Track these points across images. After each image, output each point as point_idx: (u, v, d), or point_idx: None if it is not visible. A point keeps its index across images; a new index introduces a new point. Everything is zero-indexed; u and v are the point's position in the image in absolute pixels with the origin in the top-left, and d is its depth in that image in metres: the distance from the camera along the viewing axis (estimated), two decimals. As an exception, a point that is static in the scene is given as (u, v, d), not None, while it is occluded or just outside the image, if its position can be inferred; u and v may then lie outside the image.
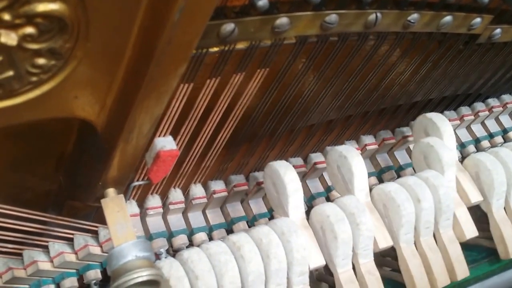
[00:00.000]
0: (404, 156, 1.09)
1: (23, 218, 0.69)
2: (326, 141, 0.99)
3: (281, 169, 0.82)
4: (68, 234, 0.79)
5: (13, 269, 0.76)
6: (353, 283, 0.80)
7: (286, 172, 0.81)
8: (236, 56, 0.64)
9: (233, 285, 0.72)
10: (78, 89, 0.50)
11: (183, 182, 0.88)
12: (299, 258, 0.75)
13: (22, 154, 0.65)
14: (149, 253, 0.59)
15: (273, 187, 0.84)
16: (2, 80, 0.44)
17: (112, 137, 0.57)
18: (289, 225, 0.77)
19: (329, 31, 0.65)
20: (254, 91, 0.72)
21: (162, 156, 0.66)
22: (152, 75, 0.48)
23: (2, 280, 0.76)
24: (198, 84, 0.66)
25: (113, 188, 0.66)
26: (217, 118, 0.75)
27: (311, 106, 0.85)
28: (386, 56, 0.81)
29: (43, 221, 0.73)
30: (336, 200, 0.83)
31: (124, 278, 0.57)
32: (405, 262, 0.83)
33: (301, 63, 0.74)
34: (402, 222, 0.82)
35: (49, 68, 0.46)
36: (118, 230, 0.62)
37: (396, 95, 0.97)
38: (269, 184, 0.85)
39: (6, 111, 0.48)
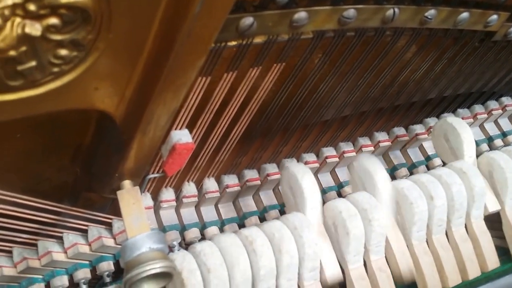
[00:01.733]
0: (417, 153, 1.08)
1: (39, 208, 0.70)
2: (340, 137, 0.99)
3: (299, 173, 0.81)
4: (82, 226, 0.79)
5: (27, 259, 0.77)
6: (363, 280, 0.80)
7: (303, 176, 0.80)
8: (253, 50, 0.64)
9: (245, 278, 0.72)
10: (98, 80, 0.50)
11: (196, 176, 0.89)
12: (310, 253, 0.75)
13: (40, 144, 0.65)
14: (163, 245, 0.60)
15: (290, 191, 0.83)
16: (25, 70, 0.44)
17: (130, 128, 0.57)
18: (301, 220, 0.77)
19: (346, 26, 0.65)
20: (270, 85, 0.72)
21: (178, 149, 0.66)
22: (171, 68, 0.49)
23: (17, 270, 0.77)
24: (215, 78, 0.66)
25: (129, 180, 0.66)
26: (232, 112, 0.75)
27: (326, 101, 0.85)
28: (402, 52, 0.80)
29: (58, 212, 0.74)
30: (348, 196, 0.83)
31: (138, 270, 0.57)
32: (416, 259, 0.83)
33: (317, 58, 0.74)
34: (414, 219, 0.82)
35: (71, 59, 0.46)
36: (133, 221, 0.62)
37: (411, 92, 0.96)
38: (286, 187, 0.84)
39: (28, 101, 0.48)
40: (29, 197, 0.67)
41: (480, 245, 0.88)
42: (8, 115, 0.49)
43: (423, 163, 1.07)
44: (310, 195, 0.80)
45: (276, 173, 0.94)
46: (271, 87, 0.74)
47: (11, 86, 0.45)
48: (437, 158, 1.07)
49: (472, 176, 0.87)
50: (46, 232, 0.76)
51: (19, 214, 0.68)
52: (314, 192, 0.80)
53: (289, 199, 0.84)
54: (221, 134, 0.79)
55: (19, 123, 0.58)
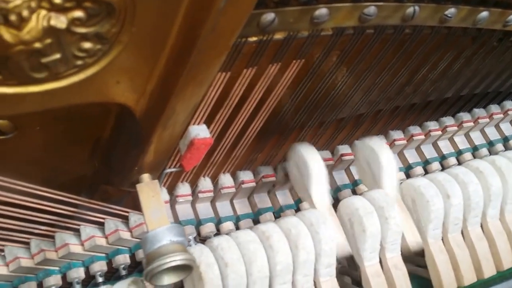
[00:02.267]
0: (431, 150, 1.08)
1: (57, 200, 0.71)
2: (355, 135, 0.99)
3: (305, 152, 0.82)
4: (99, 218, 0.80)
5: (45, 251, 0.78)
6: (379, 277, 0.80)
7: (309, 154, 0.82)
8: (272, 46, 0.65)
9: (261, 273, 0.73)
10: (120, 74, 0.51)
11: (212, 171, 0.89)
12: (327, 249, 0.76)
13: (60, 137, 0.66)
14: (182, 238, 0.60)
15: (296, 170, 0.84)
16: (49, 63, 0.45)
17: (150, 123, 0.57)
18: (317, 217, 0.77)
19: (366, 23, 0.65)
20: (288, 82, 0.72)
21: (196, 144, 0.67)
22: (194, 63, 0.49)
23: (34, 261, 0.78)
24: (234, 74, 0.66)
25: (148, 174, 0.67)
26: (250, 108, 0.75)
27: (342, 99, 0.85)
28: (420, 51, 0.80)
29: (76, 204, 0.74)
30: (364, 194, 0.83)
31: (159, 262, 0.58)
32: (432, 257, 0.83)
33: (335, 56, 0.74)
34: (431, 217, 0.82)
35: (94, 53, 0.47)
36: (153, 214, 0.63)
37: (427, 91, 0.96)
38: (293, 166, 0.85)
39: (51, 94, 0.49)
40: (48, 189, 0.67)
41: (496, 244, 0.88)
42: (31, 107, 0.50)
43: (437, 159, 1.07)
44: (316, 173, 0.81)
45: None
46: (289, 84, 0.74)
47: (35, 78, 0.46)
48: (453, 158, 1.07)
49: (488, 175, 0.87)
50: (63, 224, 0.77)
51: (37, 206, 0.69)
52: (320, 170, 0.82)
53: (295, 178, 0.86)
54: (238, 130, 0.79)
55: (39, 115, 0.59)
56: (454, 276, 0.83)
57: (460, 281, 0.83)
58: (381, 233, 0.79)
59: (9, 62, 0.43)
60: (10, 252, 0.77)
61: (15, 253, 0.77)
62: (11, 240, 0.75)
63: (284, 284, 0.75)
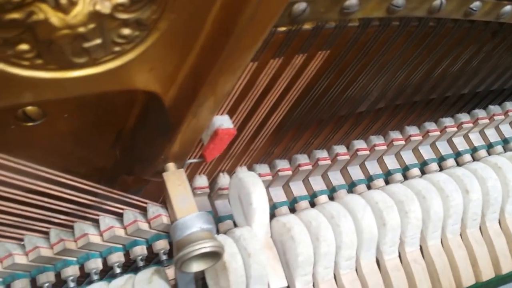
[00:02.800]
0: (446, 147, 1.08)
1: (79, 189, 0.71)
2: (372, 130, 0.99)
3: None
4: (118, 209, 0.80)
5: (64, 241, 0.78)
6: (399, 271, 0.80)
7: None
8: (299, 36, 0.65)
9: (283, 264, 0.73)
10: (155, 61, 0.51)
11: (230, 164, 0.89)
12: (348, 242, 0.76)
13: (85, 126, 0.66)
14: (212, 225, 0.61)
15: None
16: (90, 48, 0.45)
17: (180, 111, 0.58)
18: (338, 210, 0.78)
19: (394, 14, 0.66)
20: (312, 73, 0.72)
21: (219, 134, 0.67)
22: (230, 51, 0.49)
23: (54, 251, 0.78)
24: (259, 64, 0.66)
25: (173, 163, 0.67)
26: (272, 100, 0.75)
27: (363, 93, 0.85)
28: (442, 45, 0.81)
29: (95, 194, 0.74)
30: (383, 188, 0.83)
31: (189, 249, 0.58)
32: (451, 253, 0.83)
33: (359, 48, 0.74)
34: (450, 212, 0.82)
35: (132, 39, 0.47)
36: (180, 202, 0.63)
37: (445, 87, 0.96)
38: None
39: (86, 80, 0.49)
40: (73, 177, 0.68)
41: (514, 240, 0.89)
42: (66, 93, 0.50)
43: (452, 156, 1.07)
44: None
45: (307, 164, 0.94)
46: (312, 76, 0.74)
47: (75, 63, 0.46)
48: (468, 155, 1.07)
49: (507, 171, 0.87)
50: (82, 214, 0.77)
51: (60, 194, 0.69)
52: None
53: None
54: (258, 122, 0.80)
55: (69, 103, 0.59)
56: (472, 271, 0.83)
57: (478, 276, 0.84)
58: (401, 227, 0.79)
59: (52, 46, 0.43)
60: (29, 241, 0.77)
61: (35, 243, 0.77)
62: (31, 229, 0.75)
63: (305, 276, 0.75)
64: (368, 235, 0.78)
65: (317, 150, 0.97)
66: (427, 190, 0.84)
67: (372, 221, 0.78)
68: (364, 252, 0.79)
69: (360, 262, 0.80)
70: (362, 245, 0.79)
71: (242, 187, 0.76)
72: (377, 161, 1.02)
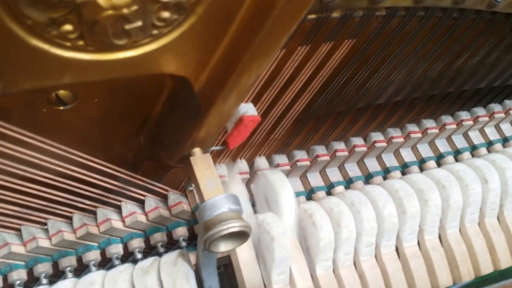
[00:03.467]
0: (462, 140, 1.09)
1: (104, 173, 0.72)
2: (389, 122, 1.00)
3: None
4: (139, 195, 0.81)
5: (87, 225, 0.79)
6: (418, 258, 0.81)
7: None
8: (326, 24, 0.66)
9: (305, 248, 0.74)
10: (189, 46, 0.52)
11: (249, 154, 0.90)
12: (368, 228, 0.77)
13: (114, 111, 0.67)
14: (239, 206, 0.62)
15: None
16: (131, 30, 0.46)
17: (210, 96, 0.58)
18: (359, 197, 0.79)
19: (421, 4, 0.66)
20: (336, 62, 0.73)
21: (245, 121, 0.68)
22: (265, 34, 0.50)
23: (76, 235, 0.79)
24: (286, 52, 0.67)
25: (199, 148, 0.68)
26: (296, 89, 0.76)
27: (383, 84, 0.86)
28: (463, 37, 0.81)
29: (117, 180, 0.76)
30: (403, 177, 0.84)
31: (219, 228, 0.59)
32: (469, 241, 0.84)
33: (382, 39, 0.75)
34: (469, 201, 0.83)
35: (170, 22, 0.48)
36: (208, 185, 0.64)
37: (463, 80, 0.97)
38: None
39: (123, 63, 0.50)
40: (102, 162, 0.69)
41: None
42: (102, 75, 0.51)
43: (468, 149, 1.08)
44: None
45: (324, 155, 0.95)
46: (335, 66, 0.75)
47: (114, 44, 0.47)
48: (483, 148, 1.08)
49: (526, 161, 0.88)
50: (105, 199, 0.78)
51: (86, 178, 0.70)
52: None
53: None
54: (281, 111, 0.80)
55: (100, 88, 0.60)
56: (490, 259, 0.84)
57: (496, 264, 0.85)
58: (420, 215, 0.80)
59: (95, 27, 0.44)
60: (53, 225, 0.79)
61: (58, 227, 0.79)
62: (55, 213, 0.76)
63: (326, 261, 0.76)
64: (389, 224, 0.80)
65: (335, 142, 0.98)
66: (446, 179, 0.85)
67: (394, 210, 0.79)
68: (385, 241, 0.80)
69: (380, 250, 0.81)
70: (383, 234, 0.80)
71: (268, 187, 0.78)
72: (394, 153, 1.03)
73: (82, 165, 0.69)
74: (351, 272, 0.79)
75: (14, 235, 0.78)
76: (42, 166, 0.65)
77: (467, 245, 0.84)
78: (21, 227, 0.77)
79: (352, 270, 0.79)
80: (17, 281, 0.78)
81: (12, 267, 0.78)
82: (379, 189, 0.83)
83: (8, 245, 0.76)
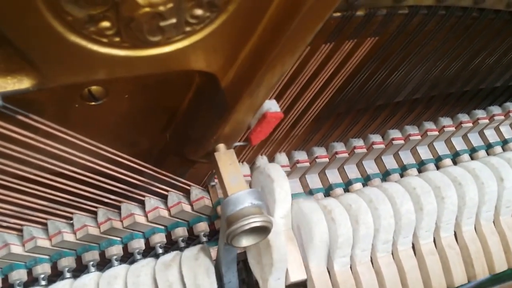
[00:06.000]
0: (477, 138, 1.10)
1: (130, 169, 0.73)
2: (407, 119, 1.01)
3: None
4: (162, 191, 0.83)
5: (112, 220, 0.81)
6: (434, 255, 0.82)
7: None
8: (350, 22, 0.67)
9: (323, 243, 0.75)
10: (219, 43, 0.53)
11: (269, 150, 0.92)
12: (386, 225, 0.78)
13: (143, 107, 0.68)
14: (262, 202, 0.63)
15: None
16: (166, 27, 0.48)
17: (237, 92, 0.60)
18: (377, 194, 0.80)
19: (442, 3, 0.68)
20: (359, 60, 0.74)
21: (268, 117, 0.69)
22: (293, 31, 0.51)
23: (101, 230, 0.81)
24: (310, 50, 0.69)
25: (223, 144, 0.69)
26: (317, 86, 0.78)
27: (402, 81, 0.87)
28: (482, 36, 0.82)
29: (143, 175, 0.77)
30: (420, 174, 0.85)
31: (241, 223, 0.60)
32: (484, 239, 0.85)
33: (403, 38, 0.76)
34: (485, 199, 0.84)
35: (203, 20, 0.49)
36: (232, 180, 0.65)
37: (480, 79, 0.98)
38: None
39: (156, 59, 0.52)
40: (129, 157, 0.70)
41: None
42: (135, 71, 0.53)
43: (483, 148, 1.08)
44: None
45: (344, 152, 0.97)
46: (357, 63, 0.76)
47: (149, 41, 0.49)
48: (498, 147, 1.08)
49: (540, 161, 0.89)
50: (130, 194, 0.80)
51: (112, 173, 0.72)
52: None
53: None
54: (302, 108, 0.82)
55: (131, 83, 0.62)
56: (505, 257, 0.85)
57: (511, 262, 0.85)
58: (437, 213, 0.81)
59: (132, 24, 0.46)
60: (78, 220, 0.81)
61: (83, 221, 0.81)
62: (80, 208, 0.78)
63: (344, 257, 0.78)
64: (406, 221, 0.81)
65: (353, 139, 0.99)
66: (463, 177, 0.86)
67: (411, 207, 0.80)
68: (402, 238, 0.81)
69: (397, 246, 0.82)
70: (400, 231, 0.81)
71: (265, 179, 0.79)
72: (411, 151, 1.04)
73: (109, 160, 0.70)
74: (368, 269, 0.80)
75: (39, 229, 0.80)
76: (71, 160, 0.66)
77: (482, 243, 0.85)
78: (47, 221, 0.79)
79: (369, 267, 0.80)
80: (41, 275, 0.80)
81: (36, 261, 0.80)
82: (397, 186, 0.84)
83: (34, 239, 0.77)
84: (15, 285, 0.78)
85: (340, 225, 0.76)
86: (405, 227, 0.81)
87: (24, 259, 0.79)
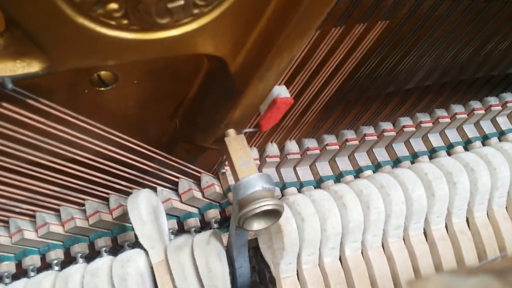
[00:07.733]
0: (490, 125, 1.09)
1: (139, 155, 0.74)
2: (418, 107, 1.00)
3: None
4: (173, 177, 0.83)
5: (123, 207, 0.81)
6: (445, 241, 0.82)
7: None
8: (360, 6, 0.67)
9: (335, 230, 0.76)
10: (227, 26, 0.53)
11: (279, 138, 0.92)
12: (397, 211, 0.78)
13: (152, 93, 0.68)
14: (272, 186, 0.63)
15: None
16: (174, 8, 0.48)
17: (246, 76, 0.60)
18: (388, 180, 0.80)
19: (454, -15, 0.67)
20: (369, 44, 0.74)
21: (278, 103, 0.69)
22: (302, 14, 0.51)
23: (113, 216, 0.82)
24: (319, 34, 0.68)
25: (233, 129, 0.70)
26: (328, 72, 0.77)
27: (413, 68, 0.86)
28: (494, 21, 0.82)
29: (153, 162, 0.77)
30: (432, 160, 0.85)
31: (253, 206, 0.61)
32: (496, 224, 0.85)
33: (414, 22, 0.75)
34: (497, 185, 0.84)
35: (211, 2, 0.49)
36: (242, 165, 0.66)
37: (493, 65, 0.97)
38: None
39: (165, 42, 0.52)
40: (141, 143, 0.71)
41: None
42: (144, 55, 0.53)
43: (495, 135, 1.08)
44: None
45: (354, 139, 0.96)
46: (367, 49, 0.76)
47: (157, 23, 0.49)
48: (511, 134, 1.08)
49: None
50: (140, 181, 0.80)
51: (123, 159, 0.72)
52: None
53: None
54: (312, 94, 0.82)
55: (140, 69, 0.62)
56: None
57: (523, 248, 0.85)
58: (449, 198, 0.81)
59: (140, 5, 0.46)
60: (90, 206, 0.81)
61: (96, 207, 0.82)
62: (92, 194, 0.79)
63: (355, 243, 0.78)
64: (418, 207, 0.80)
65: (364, 126, 0.99)
66: (475, 163, 0.85)
67: (423, 193, 0.80)
68: (413, 223, 0.81)
69: (408, 232, 0.82)
70: (411, 216, 0.81)
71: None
72: (422, 138, 1.04)
73: (119, 146, 0.71)
74: (380, 254, 0.80)
75: (52, 215, 0.80)
76: (82, 146, 0.67)
77: (494, 229, 0.85)
78: (60, 207, 0.80)
79: (380, 252, 0.80)
80: (54, 261, 0.81)
81: (50, 247, 0.81)
82: (408, 172, 0.84)
83: (47, 225, 0.78)
84: (29, 271, 0.79)
85: (351, 210, 0.76)
86: (416, 212, 0.81)
87: (37, 244, 0.79)
